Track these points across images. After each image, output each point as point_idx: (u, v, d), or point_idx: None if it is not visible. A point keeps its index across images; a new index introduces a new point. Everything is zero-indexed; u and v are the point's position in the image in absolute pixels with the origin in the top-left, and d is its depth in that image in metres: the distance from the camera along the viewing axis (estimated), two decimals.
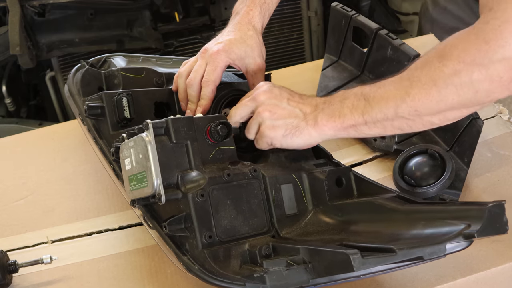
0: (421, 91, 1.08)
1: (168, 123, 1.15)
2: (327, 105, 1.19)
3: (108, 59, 1.53)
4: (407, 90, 1.09)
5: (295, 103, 1.22)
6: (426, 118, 1.11)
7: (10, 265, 1.25)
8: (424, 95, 1.08)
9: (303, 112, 1.21)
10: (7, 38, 2.23)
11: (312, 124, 1.19)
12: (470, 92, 1.05)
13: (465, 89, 1.04)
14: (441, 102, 1.07)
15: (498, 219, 1.01)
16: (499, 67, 1.01)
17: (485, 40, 1.01)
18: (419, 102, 1.08)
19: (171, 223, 1.11)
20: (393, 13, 2.77)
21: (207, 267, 1.08)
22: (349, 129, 1.17)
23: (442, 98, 1.06)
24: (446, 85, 1.05)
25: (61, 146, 1.62)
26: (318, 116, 1.19)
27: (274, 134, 1.22)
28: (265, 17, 1.46)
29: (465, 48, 1.03)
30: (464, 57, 1.03)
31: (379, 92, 1.13)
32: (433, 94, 1.07)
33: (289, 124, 1.21)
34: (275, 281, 1.06)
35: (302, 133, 1.20)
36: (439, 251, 1.02)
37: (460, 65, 1.03)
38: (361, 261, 1.01)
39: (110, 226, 1.40)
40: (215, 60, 1.35)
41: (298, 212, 1.22)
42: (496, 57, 1.01)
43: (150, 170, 1.11)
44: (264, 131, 1.22)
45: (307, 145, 1.23)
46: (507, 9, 1.00)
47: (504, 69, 1.01)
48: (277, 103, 1.22)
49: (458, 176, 1.35)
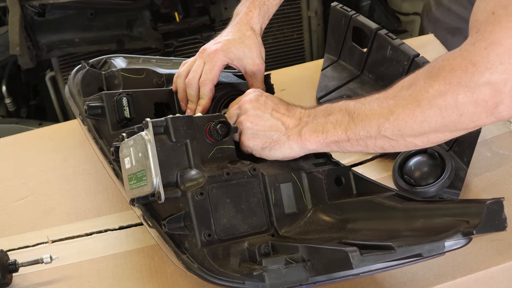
0: (405, 111, 1.06)
1: (167, 122, 1.15)
2: (311, 119, 1.18)
3: (109, 60, 1.54)
4: (391, 108, 1.07)
5: (279, 115, 1.22)
6: (409, 139, 1.09)
7: (10, 264, 1.26)
8: (408, 115, 1.05)
9: (285, 126, 1.21)
10: (7, 38, 2.23)
11: (295, 139, 1.19)
12: (454, 115, 1.02)
13: (450, 111, 1.01)
14: (425, 123, 1.05)
15: (496, 216, 1.02)
16: (485, 91, 0.98)
17: (471, 62, 0.98)
18: (403, 121, 1.06)
19: (170, 221, 1.11)
20: (393, 13, 2.77)
21: (206, 265, 1.08)
22: (331, 144, 1.17)
23: (425, 119, 1.04)
24: (430, 106, 1.03)
25: (61, 146, 1.62)
26: (302, 131, 1.18)
27: (253, 144, 1.23)
28: (264, 19, 1.46)
29: (452, 70, 1.00)
30: (450, 78, 1.00)
31: (363, 109, 1.12)
32: (417, 114, 1.04)
33: (269, 137, 1.21)
34: (274, 279, 1.06)
35: (282, 147, 1.21)
36: (438, 248, 1.02)
37: (446, 86, 1.01)
38: (360, 259, 1.01)
39: (110, 226, 1.40)
40: (212, 59, 1.36)
41: (297, 211, 1.22)
42: (482, 80, 0.97)
43: (149, 169, 1.11)
44: (244, 140, 1.23)
45: (287, 158, 1.23)
46: (494, 31, 0.97)
47: (489, 93, 0.98)
48: (260, 114, 1.22)
49: (457, 176, 1.35)
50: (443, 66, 1.02)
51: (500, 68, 0.96)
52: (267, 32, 2.52)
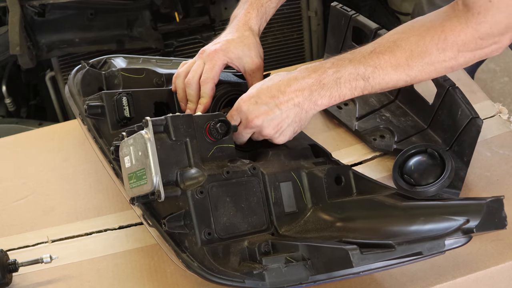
0: (422, 74, 1.19)
1: (167, 121, 1.16)
2: (321, 87, 1.22)
3: (109, 60, 1.54)
4: (407, 72, 1.20)
5: (287, 102, 1.23)
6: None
7: (10, 264, 1.26)
8: (424, 75, 1.20)
9: (300, 107, 1.24)
10: (7, 38, 2.23)
11: (312, 107, 1.24)
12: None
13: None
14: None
15: (496, 214, 1.02)
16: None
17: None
18: (419, 78, 1.21)
19: (170, 220, 1.11)
20: (393, 13, 2.76)
21: (206, 264, 1.08)
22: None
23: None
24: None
25: (61, 146, 1.62)
26: (318, 101, 1.23)
27: (287, 138, 1.28)
28: (262, 20, 1.47)
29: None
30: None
31: (378, 74, 1.20)
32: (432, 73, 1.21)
33: (294, 123, 1.26)
34: (274, 278, 1.06)
35: (306, 120, 1.26)
36: (438, 246, 1.02)
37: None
38: (360, 257, 1.01)
39: (110, 225, 1.40)
40: (212, 59, 1.36)
41: (297, 210, 1.22)
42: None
43: (149, 167, 1.11)
44: (275, 141, 1.28)
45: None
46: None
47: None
48: (274, 117, 1.24)
49: (457, 175, 1.35)
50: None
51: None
52: (267, 32, 2.52)
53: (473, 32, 1.16)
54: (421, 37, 1.18)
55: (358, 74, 1.21)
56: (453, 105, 1.39)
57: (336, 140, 1.53)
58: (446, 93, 1.41)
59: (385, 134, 1.49)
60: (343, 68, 1.21)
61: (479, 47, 1.17)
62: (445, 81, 1.41)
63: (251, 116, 1.24)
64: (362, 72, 1.20)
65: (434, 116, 1.46)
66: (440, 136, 1.45)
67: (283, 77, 1.25)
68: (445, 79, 1.41)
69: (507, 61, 3.27)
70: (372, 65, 1.20)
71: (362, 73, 1.20)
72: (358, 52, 1.23)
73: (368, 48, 1.22)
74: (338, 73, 1.22)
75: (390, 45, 1.20)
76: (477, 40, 1.16)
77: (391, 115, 1.53)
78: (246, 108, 1.24)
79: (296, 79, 1.24)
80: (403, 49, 1.19)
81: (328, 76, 1.22)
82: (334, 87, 1.22)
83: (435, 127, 1.46)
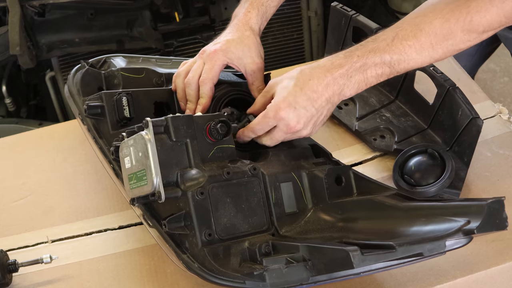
0: (446, 54, 1.20)
1: (167, 121, 1.15)
2: (348, 80, 1.23)
3: (108, 60, 1.53)
4: (432, 55, 1.20)
5: (320, 99, 1.24)
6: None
7: (10, 264, 1.25)
8: (448, 55, 1.21)
9: (331, 102, 1.25)
10: (7, 38, 2.23)
11: (340, 99, 1.26)
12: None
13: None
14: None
15: (497, 215, 1.02)
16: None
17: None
18: (443, 58, 1.21)
19: (170, 221, 1.11)
20: (393, 13, 2.76)
21: (207, 265, 1.08)
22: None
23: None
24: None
25: (61, 146, 1.62)
26: (346, 92, 1.24)
27: (316, 130, 1.28)
28: (262, 20, 1.47)
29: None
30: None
31: (403, 60, 1.21)
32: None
33: (325, 118, 1.28)
34: (275, 278, 1.06)
35: (332, 111, 1.28)
36: (439, 247, 1.02)
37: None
38: (361, 258, 1.01)
39: (110, 225, 1.40)
40: (212, 59, 1.36)
41: (298, 210, 1.22)
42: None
43: (149, 168, 1.11)
44: (303, 136, 1.28)
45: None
46: None
47: None
48: (311, 117, 1.24)
49: (457, 176, 1.35)
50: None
51: None
52: (267, 32, 2.52)
53: (498, 11, 1.15)
54: (446, 20, 1.18)
55: (384, 62, 1.21)
56: (454, 105, 1.39)
57: (336, 140, 1.53)
58: (446, 93, 1.40)
59: (385, 134, 1.49)
60: (369, 59, 1.21)
61: (502, 25, 1.17)
62: (445, 81, 1.41)
63: (292, 122, 1.23)
64: (388, 61, 1.21)
65: (434, 116, 1.45)
66: (441, 136, 1.45)
67: (312, 75, 1.24)
68: (445, 79, 1.41)
69: (507, 61, 3.27)
70: (397, 53, 1.20)
71: (388, 61, 1.21)
72: (381, 40, 1.22)
73: (390, 34, 1.22)
74: (364, 65, 1.22)
75: (413, 29, 1.20)
76: (501, 18, 1.16)
77: (391, 115, 1.53)
78: (286, 115, 1.23)
79: (325, 75, 1.23)
80: (427, 33, 1.19)
81: (354, 68, 1.22)
82: (361, 77, 1.22)
83: (435, 127, 1.46)
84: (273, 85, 1.28)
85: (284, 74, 1.28)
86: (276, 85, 1.27)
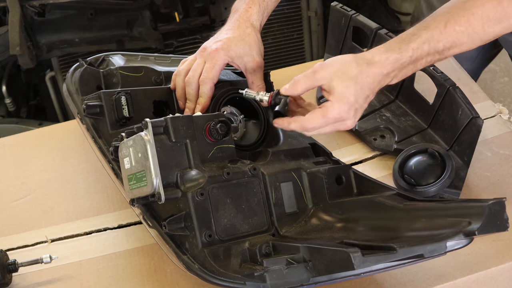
0: (496, 37, 1.19)
1: (167, 122, 1.15)
2: (399, 71, 1.20)
3: (107, 58, 1.52)
4: (483, 38, 1.18)
5: (371, 97, 1.21)
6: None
7: (10, 264, 1.25)
8: (498, 36, 1.20)
9: (375, 93, 1.23)
10: (7, 38, 2.23)
11: (385, 84, 1.22)
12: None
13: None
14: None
15: (498, 216, 1.02)
16: None
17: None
18: (493, 39, 1.20)
19: (170, 222, 1.11)
20: (393, 13, 2.76)
21: (207, 266, 1.08)
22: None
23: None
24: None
25: (61, 146, 1.62)
26: (393, 81, 1.22)
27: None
28: (263, 15, 1.45)
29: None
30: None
31: (455, 45, 1.19)
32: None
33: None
34: (276, 279, 1.06)
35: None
36: (440, 248, 1.02)
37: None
38: (362, 259, 1.01)
39: (110, 225, 1.40)
40: (213, 58, 1.35)
41: (298, 210, 1.22)
42: None
43: (149, 169, 1.11)
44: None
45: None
46: None
47: None
48: (362, 112, 1.22)
49: (458, 175, 1.35)
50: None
51: None
52: (267, 32, 2.52)
53: None
54: (498, 2, 1.16)
55: (437, 51, 1.19)
56: (454, 105, 1.39)
57: (336, 139, 1.53)
58: (446, 93, 1.40)
59: (386, 134, 1.49)
60: (424, 51, 1.19)
61: None
62: (445, 80, 1.41)
63: (350, 122, 1.20)
64: (441, 49, 1.19)
65: (434, 116, 1.45)
66: (441, 136, 1.44)
67: (369, 73, 1.19)
68: (445, 79, 1.41)
69: (507, 61, 3.26)
70: (450, 40, 1.18)
71: (440, 49, 1.19)
72: (434, 27, 1.19)
73: (441, 19, 1.19)
74: (419, 57, 1.20)
75: (465, 14, 1.18)
76: None
77: (392, 115, 1.53)
78: (346, 116, 1.19)
79: (381, 72, 1.19)
80: (480, 17, 1.17)
81: (409, 61, 1.20)
82: (411, 68, 1.21)
83: (436, 127, 1.46)
84: (326, 75, 1.19)
85: (338, 64, 1.20)
86: (332, 80, 1.18)
